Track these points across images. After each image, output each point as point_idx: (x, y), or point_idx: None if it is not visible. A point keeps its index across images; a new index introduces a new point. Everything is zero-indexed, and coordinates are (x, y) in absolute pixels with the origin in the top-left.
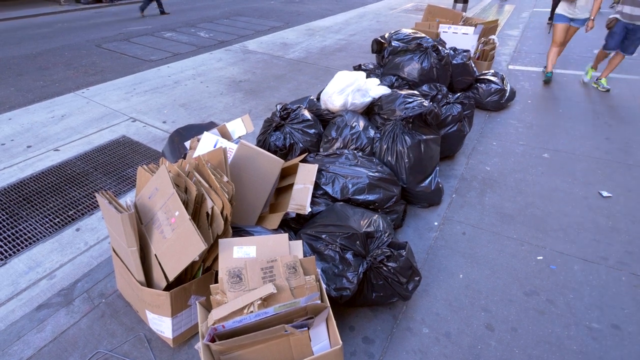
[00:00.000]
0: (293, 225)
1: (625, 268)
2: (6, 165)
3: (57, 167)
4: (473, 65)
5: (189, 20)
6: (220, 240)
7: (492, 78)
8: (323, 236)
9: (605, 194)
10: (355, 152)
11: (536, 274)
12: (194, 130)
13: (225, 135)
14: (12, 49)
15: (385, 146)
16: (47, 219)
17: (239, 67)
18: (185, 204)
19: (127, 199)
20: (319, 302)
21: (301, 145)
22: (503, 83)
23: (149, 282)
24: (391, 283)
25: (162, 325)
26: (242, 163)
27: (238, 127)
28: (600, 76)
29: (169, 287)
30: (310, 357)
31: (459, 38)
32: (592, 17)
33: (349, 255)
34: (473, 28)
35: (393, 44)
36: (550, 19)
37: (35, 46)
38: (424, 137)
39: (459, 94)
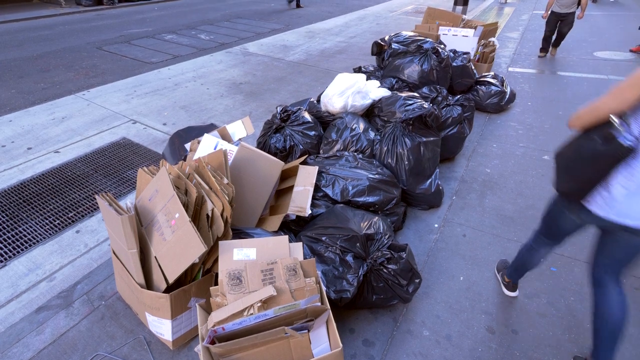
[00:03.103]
0: (293, 227)
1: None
2: (6, 167)
3: (57, 169)
4: (473, 67)
5: (190, 23)
6: (220, 243)
7: (492, 80)
8: (323, 238)
9: None
10: (356, 154)
11: (537, 276)
12: (194, 132)
13: (226, 137)
14: (13, 51)
15: (385, 148)
16: (47, 221)
17: (239, 69)
18: (186, 206)
19: (128, 201)
20: (319, 304)
21: (301, 147)
22: (503, 85)
23: (148, 285)
24: (391, 285)
25: (162, 327)
26: (242, 165)
27: (238, 129)
28: None
29: (168, 289)
30: (310, 359)
31: (459, 40)
32: None
33: (349, 258)
34: (473, 30)
35: (393, 46)
36: (543, 49)
37: (36, 48)
38: (424, 139)
39: (458, 96)
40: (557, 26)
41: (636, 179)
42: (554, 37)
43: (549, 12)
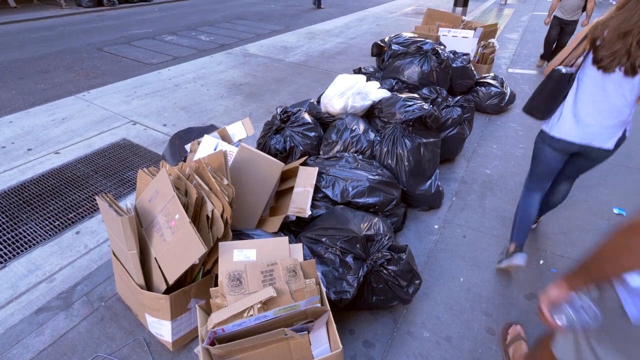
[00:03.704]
0: (293, 229)
1: None
2: (7, 168)
3: (58, 170)
4: (473, 68)
5: (190, 24)
6: (220, 244)
7: (491, 81)
8: (323, 239)
9: (616, 211)
10: (356, 155)
11: (537, 277)
12: (194, 133)
13: (226, 138)
14: (13, 52)
15: (385, 149)
16: (47, 222)
17: (239, 70)
18: (186, 207)
19: (128, 202)
20: (319, 305)
21: (301, 148)
22: (503, 86)
23: (148, 286)
24: (391, 286)
25: (162, 328)
26: (242, 166)
27: (238, 130)
28: None
29: (168, 290)
30: None
31: (459, 41)
32: None
33: (349, 259)
34: (473, 31)
35: (393, 48)
36: (544, 57)
37: (36, 49)
38: (424, 140)
39: (458, 97)
40: (560, 33)
41: (578, 106)
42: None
43: (552, 17)
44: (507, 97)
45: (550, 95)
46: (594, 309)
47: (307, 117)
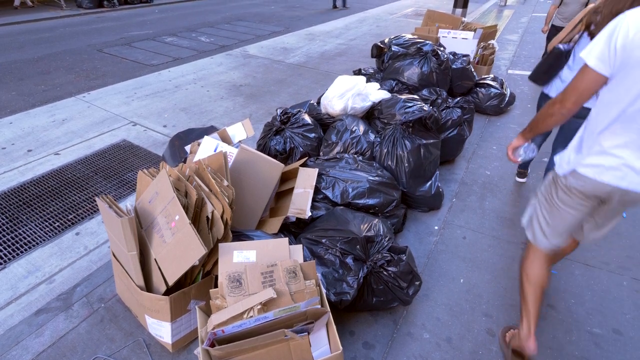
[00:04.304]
0: (293, 230)
1: (627, 273)
2: (7, 169)
3: (58, 171)
4: (472, 69)
5: (190, 25)
6: (220, 245)
7: (491, 82)
8: (323, 240)
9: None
10: (356, 156)
11: None
12: (194, 135)
13: (226, 139)
14: (13, 54)
15: (385, 150)
16: (47, 223)
17: (239, 71)
18: (186, 208)
19: (128, 203)
20: (319, 306)
21: (301, 149)
22: (502, 87)
23: (148, 287)
24: (391, 288)
25: (162, 330)
26: (242, 167)
27: (238, 131)
28: None
29: (168, 291)
30: None
31: (459, 43)
32: None
33: (349, 260)
34: (472, 33)
35: (393, 49)
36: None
37: (36, 51)
38: (424, 142)
39: (458, 98)
40: None
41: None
42: None
43: (550, 25)
44: (506, 98)
45: (550, 67)
46: (535, 149)
47: (307, 118)
